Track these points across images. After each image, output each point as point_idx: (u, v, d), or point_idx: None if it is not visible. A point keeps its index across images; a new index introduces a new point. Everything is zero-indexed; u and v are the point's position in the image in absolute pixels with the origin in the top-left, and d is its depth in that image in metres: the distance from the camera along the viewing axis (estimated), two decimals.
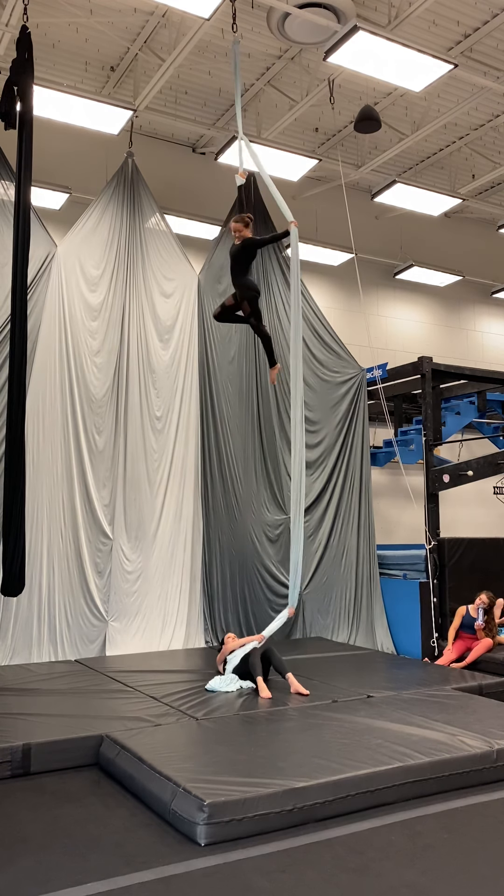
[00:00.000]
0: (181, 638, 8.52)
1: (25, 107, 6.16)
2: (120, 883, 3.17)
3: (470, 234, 13.06)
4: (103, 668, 6.95)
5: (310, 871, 3.31)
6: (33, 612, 7.90)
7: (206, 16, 7.13)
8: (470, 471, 8.87)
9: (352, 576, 9.11)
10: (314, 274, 11.29)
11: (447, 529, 9.09)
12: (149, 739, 4.65)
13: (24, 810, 4.03)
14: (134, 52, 8.55)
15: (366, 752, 4.35)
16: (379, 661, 7.58)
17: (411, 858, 3.42)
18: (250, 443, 9.33)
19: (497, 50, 8.52)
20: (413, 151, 10.87)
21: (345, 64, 7.68)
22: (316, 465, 9.38)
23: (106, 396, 8.59)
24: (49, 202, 9.30)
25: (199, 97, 9.53)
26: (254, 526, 9.12)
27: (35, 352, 8.19)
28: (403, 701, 5.69)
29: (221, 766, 4.14)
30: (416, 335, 12.57)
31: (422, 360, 9.12)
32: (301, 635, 8.98)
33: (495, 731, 4.78)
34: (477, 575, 8.55)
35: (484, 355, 13.17)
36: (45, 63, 8.51)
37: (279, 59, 8.79)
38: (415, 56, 7.53)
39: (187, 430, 9.05)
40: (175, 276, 9.12)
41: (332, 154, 10.48)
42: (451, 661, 7.64)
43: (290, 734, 4.88)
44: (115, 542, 8.44)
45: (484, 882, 3.21)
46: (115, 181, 8.91)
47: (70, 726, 4.98)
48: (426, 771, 4.22)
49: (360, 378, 9.52)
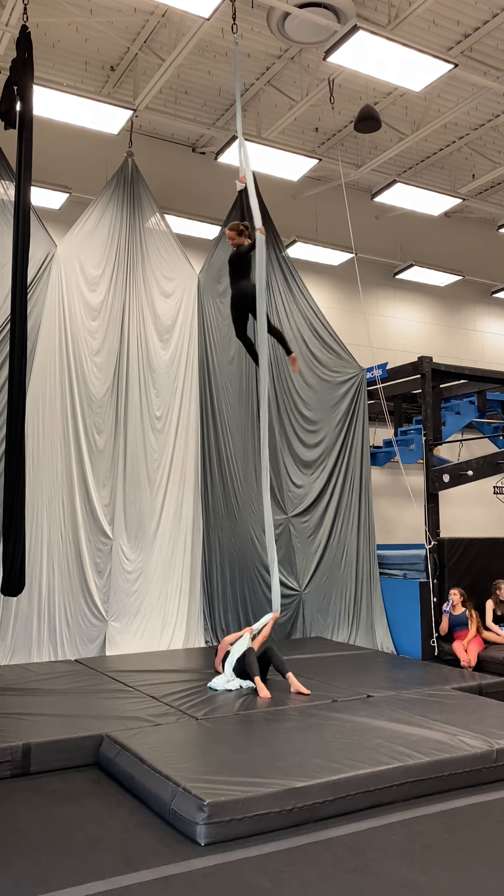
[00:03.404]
0: (181, 638, 8.52)
1: (25, 107, 6.16)
2: (120, 883, 3.17)
3: (470, 233, 13.06)
4: (103, 667, 6.95)
5: (310, 871, 3.31)
6: (33, 612, 7.90)
7: (206, 15, 7.12)
8: (470, 471, 8.86)
9: (352, 575, 9.11)
10: (314, 274, 11.29)
11: (447, 529, 9.08)
12: (149, 739, 4.65)
13: (23, 810, 4.03)
14: (134, 52, 8.55)
15: (366, 752, 4.35)
16: (379, 660, 7.58)
17: (411, 858, 3.42)
18: (250, 443, 9.33)
19: (497, 50, 8.52)
20: (413, 151, 10.87)
21: (345, 64, 7.67)
22: (316, 465, 9.38)
23: (106, 396, 8.59)
24: (49, 202, 9.30)
25: (199, 97, 9.52)
26: (254, 526, 9.11)
27: (35, 352, 8.18)
28: (403, 701, 5.69)
29: (221, 765, 4.14)
30: (416, 335, 12.57)
31: (422, 359, 9.11)
32: (301, 635, 8.98)
33: (495, 731, 4.78)
34: (477, 575, 8.55)
35: (484, 355, 13.16)
36: (45, 63, 8.51)
37: (279, 58, 8.79)
38: (415, 56, 7.52)
39: (187, 430, 9.04)
40: (175, 275, 9.12)
41: (332, 154, 10.48)
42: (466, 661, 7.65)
43: (289, 734, 4.87)
44: (115, 542, 8.44)
45: (484, 882, 3.22)
46: (114, 181, 8.91)
47: (70, 726, 4.97)
48: (426, 771, 4.22)
49: (360, 378, 9.52)
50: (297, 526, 9.30)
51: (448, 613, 8.09)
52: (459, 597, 8.08)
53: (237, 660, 6.34)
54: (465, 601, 8.11)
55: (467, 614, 8.00)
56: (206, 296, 9.34)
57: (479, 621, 8.04)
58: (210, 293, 9.36)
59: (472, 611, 8.06)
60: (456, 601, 8.05)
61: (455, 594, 8.09)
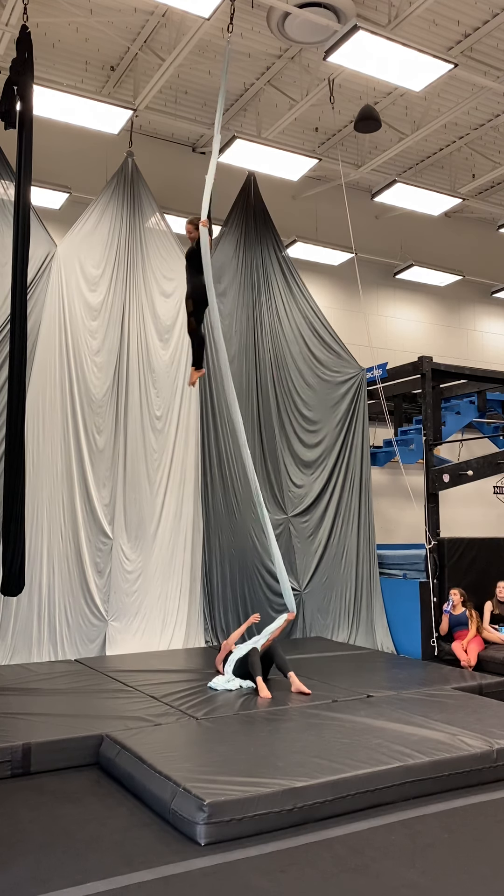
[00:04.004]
0: (181, 638, 8.52)
1: (25, 106, 6.16)
2: (120, 883, 3.17)
3: (470, 233, 13.06)
4: (103, 667, 6.95)
5: (310, 871, 3.31)
6: (33, 612, 7.90)
7: (206, 15, 7.12)
8: (470, 470, 8.86)
9: (352, 575, 9.11)
10: (314, 273, 11.29)
11: (447, 529, 9.08)
12: (149, 739, 4.65)
13: (24, 810, 4.03)
14: (134, 52, 8.54)
15: (366, 752, 4.35)
16: (379, 660, 7.58)
17: (411, 858, 3.42)
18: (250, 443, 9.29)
19: (497, 50, 8.52)
20: (413, 151, 10.87)
21: (345, 63, 7.66)
22: (316, 465, 9.38)
23: (106, 396, 8.59)
24: (49, 202, 9.29)
25: (199, 97, 9.52)
26: (254, 526, 9.11)
27: (35, 352, 8.18)
28: (403, 701, 5.69)
29: (221, 765, 4.14)
30: (416, 335, 12.57)
31: (422, 359, 9.11)
32: (301, 635, 8.98)
33: (495, 731, 4.79)
34: (477, 575, 8.55)
35: (484, 355, 13.16)
36: (45, 63, 8.51)
37: (279, 58, 8.78)
38: (415, 56, 7.51)
39: (187, 430, 9.04)
40: (175, 275, 9.11)
41: (332, 154, 10.48)
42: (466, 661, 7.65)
43: (290, 734, 4.88)
44: (115, 542, 8.44)
45: (484, 882, 3.22)
46: (114, 181, 8.91)
47: (70, 726, 4.98)
48: (426, 771, 4.23)
49: (360, 378, 9.52)
50: (297, 526, 9.30)
51: (448, 613, 8.09)
52: (460, 597, 8.09)
53: (239, 660, 6.34)
54: (465, 601, 8.12)
55: (467, 614, 8.01)
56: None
57: (479, 621, 8.05)
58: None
59: (473, 611, 8.07)
60: (456, 601, 8.06)
61: (455, 594, 8.10)
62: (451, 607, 8.06)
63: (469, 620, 7.97)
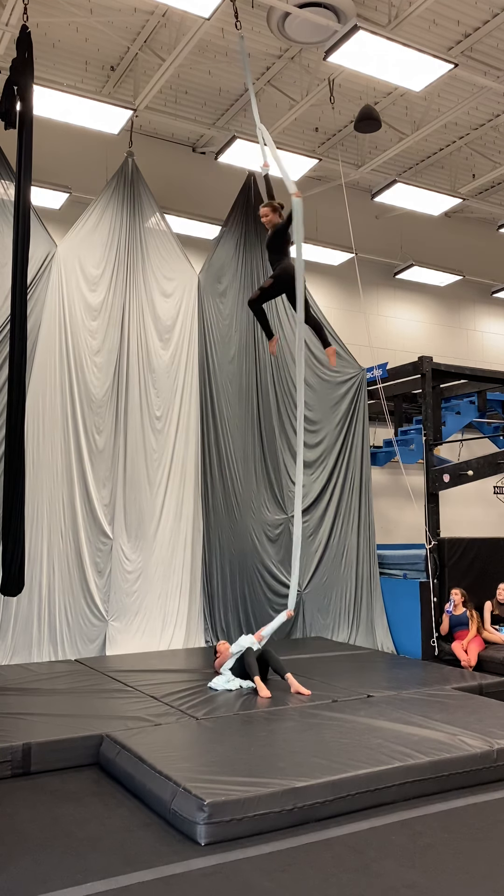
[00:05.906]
0: (181, 638, 8.52)
1: (25, 106, 6.16)
2: (120, 883, 3.17)
3: (470, 233, 13.05)
4: (103, 667, 6.95)
5: (310, 871, 3.31)
6: (33, 612, 7.90)
7: (206, 15, 7.12)
8: (470, 470, 8.86)
9: (352, 575, 9.11)
10: (314, 273, 11.27)
11: (447, 529, 9.08)
12: (149, 739, 4.65)
13: (23, 810, 4.02)
14: (134, 52, 8.54)
15: (366, 752, 4.35)
16: (379, 660, 7.58)
17: (411, 858, 3.42)
18: (250, 443, 9.33)
19: (497, 50, 8.52)
20: (413, 151, 10.87)
21: (345, 63, 7.67)
22: (316, 465, 9.38)
23: (106, 396, 8.59)
24: (49, 202, 9.29)
25: (199, 97, 9.52)
26: (254, 526, 9.12)
27: (35, 352, 8.19)
28: (403, 701, 5.69)
29: (221, 765, 4.14)
30: (416, 335, 12.56)
31: (422, 359, 9.11)
32: (301, 635, 8.98)
33: (495, 731, 4.78)
34: (477, 575, 8.55)
35: (484, 355, 13.16)
36: (45, 63, 8.51)
37: (279, 58, 8.78)
38: (415, 56, 7.52)
39: (187, 430, 9.04)
40: (175, 275, 9.13)
41: (332, 154, 10.48)
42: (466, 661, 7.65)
43: (290, 734, 4.87)
44: (115, 542, 8.44)
45: (484, 882, 3.21)
46: (115, 181, 8.91)
47: (70, 726, 4.98)
48: (426, 771, 4.22)
49: (360, 378, 9.52)
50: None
51: (449, 614, 8.09)
52: (461, 597, 8.09)
53: (237, 660, 6.34)
54: (465, 601, 8.12)
55: (468, 614, 8.01)
56: (206, 296, 9.34)
57: (479, 621, 8.05)
58: (210, 293, 9.36)
59: (473, 611, 8.07)
60: (457, 601, 8.06)
61: (456, 594, 8.10)
62: (453, 607, 8.06)
63: (469, 620, 7.97)
